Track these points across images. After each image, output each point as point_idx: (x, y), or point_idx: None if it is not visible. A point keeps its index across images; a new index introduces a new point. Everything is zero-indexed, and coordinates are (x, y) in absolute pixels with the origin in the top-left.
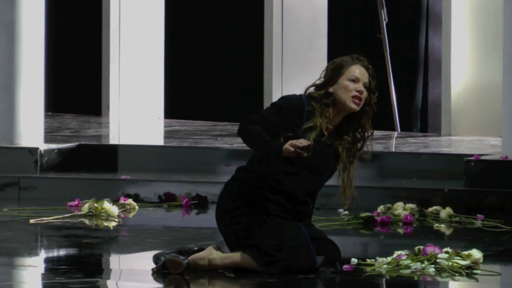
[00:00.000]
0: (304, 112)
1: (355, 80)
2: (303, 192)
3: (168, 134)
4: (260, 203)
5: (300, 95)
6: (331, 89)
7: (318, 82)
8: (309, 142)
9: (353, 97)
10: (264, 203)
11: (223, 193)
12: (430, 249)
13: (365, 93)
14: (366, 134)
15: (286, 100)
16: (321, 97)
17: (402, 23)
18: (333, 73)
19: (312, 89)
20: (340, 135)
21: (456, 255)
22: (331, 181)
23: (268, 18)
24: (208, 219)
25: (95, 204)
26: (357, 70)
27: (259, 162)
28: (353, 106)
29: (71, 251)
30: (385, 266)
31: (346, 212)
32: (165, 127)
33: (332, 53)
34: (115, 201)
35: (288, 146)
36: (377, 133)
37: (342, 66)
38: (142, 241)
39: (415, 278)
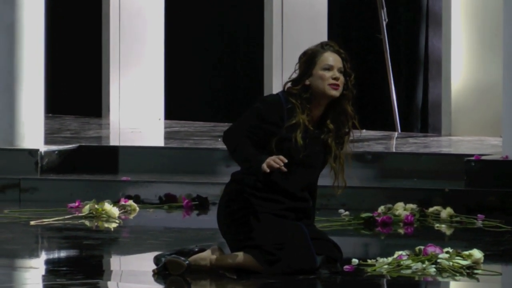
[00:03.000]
0: (284, 110)
1: (329, 68)
2: (299, 188)
3: (168, 135)
4: (259, 203)
5: (278, 94)
6: (307, 82)
7: (294, 76)
8: (286, 161)
9: (330, 84)
10: (263, 203)
11: (223, 196)
12: (431, 249)
13: (341, 78)
14: (349, 117)
15: (264, 101)
16: (300, 92)
17: (402, 24)
18: (306, 66)
19: (289, 85)
20: (324, 125)
21: (457, 255)
22: (330, 182)
23: (268, 18)
24: (209, 220)
25: (96, 206)
26: (330, 57)
27: None
28: (333, 92)
29: (72, 252)
30: (386, 266)
31: (347, 212)
32: (165, 128)
33: None
34: (115, 203)
35: (265, 167)
36: (377, 133)
37: (314, 55)
38: (143, 242)
39: (416, 278)
